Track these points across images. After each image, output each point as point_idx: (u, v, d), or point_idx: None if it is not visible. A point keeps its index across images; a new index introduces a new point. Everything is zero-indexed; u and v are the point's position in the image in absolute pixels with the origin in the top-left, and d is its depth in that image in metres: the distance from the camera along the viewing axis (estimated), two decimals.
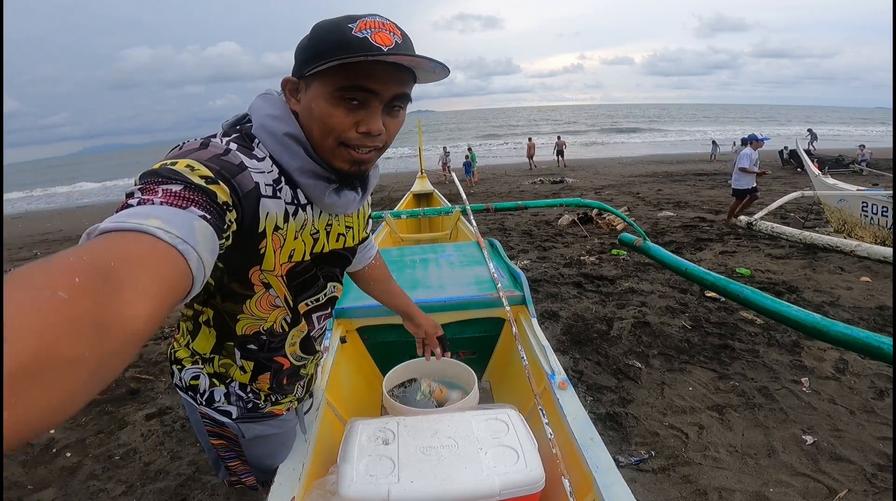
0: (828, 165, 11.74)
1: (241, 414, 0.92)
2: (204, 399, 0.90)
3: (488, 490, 0.93)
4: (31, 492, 2.01)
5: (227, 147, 0.66)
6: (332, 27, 0.66)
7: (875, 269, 4.18)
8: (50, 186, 30.21)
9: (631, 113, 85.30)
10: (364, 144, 0.71)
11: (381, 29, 0.66)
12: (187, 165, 0.57)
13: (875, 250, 2.80)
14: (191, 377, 0.89)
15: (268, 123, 0.72)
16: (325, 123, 0.69)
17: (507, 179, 14.12)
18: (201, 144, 0.65)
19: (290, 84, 0.73)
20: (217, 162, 0.61)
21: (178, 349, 0.91)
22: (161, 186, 0.52)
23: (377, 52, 0.63)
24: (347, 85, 0.66)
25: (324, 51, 0.65)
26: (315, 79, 0.67)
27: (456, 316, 1.75)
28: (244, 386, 0.90)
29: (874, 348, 1.25)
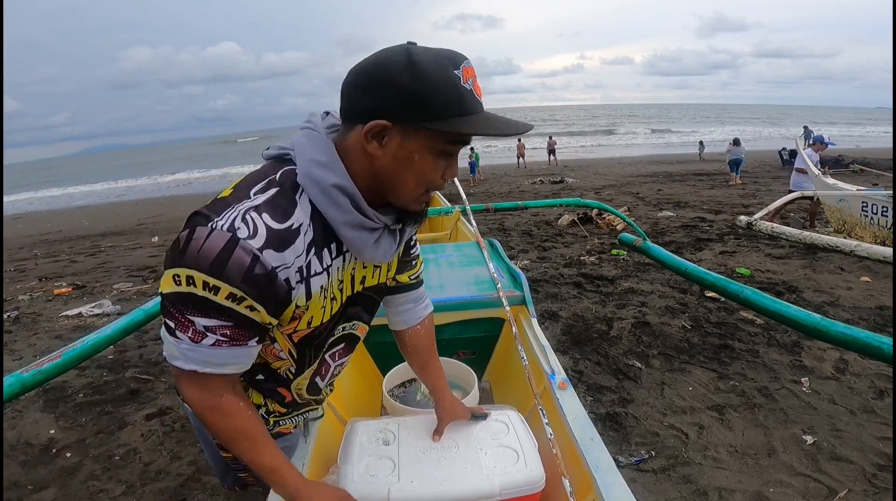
0: (827, 165, 11.74)
1: None
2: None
3: (488, 490, 0.93)
4: (31, 492, 2.01)
5: (255, 252, 0.62)
6: (443, 74, 0.62)
7: (875, 269, 4.18)
8: (50, 186, 30.22)
9: (631, 113, 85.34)
10: (441, 186, 0.71)
11: (475, 77, 0.66)
12: (230, 294, 0.63)
13: (875, 250, 2.80)
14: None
15: (314, 172, 0.67)
16: (424, 176, 0.68)
17: (507, 180, 14.12)
18: (229, 241, 0.61)
19: (378, 128, 0.64)
20: (252, 283, 0.63)
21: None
22: (220, 321, 0.65)
23: (478, 106, 0.65)
24: (457, 141, 0.67)
25: (447, 106, 0.62)
26: (424, 132, 0.64)
27: (456, 316, 1.75)
28: (257, 409, 0.88)
29: (874, 348, 1.25)
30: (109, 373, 3.04)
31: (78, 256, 7.87)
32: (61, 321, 4.19)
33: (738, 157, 11.10)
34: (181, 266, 0.62)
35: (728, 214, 7.26)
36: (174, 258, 0.64)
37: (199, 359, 0.67)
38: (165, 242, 8.45)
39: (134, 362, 3.21)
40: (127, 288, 5.22)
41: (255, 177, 0.70)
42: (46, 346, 3.60)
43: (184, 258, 0.62)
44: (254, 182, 0.68)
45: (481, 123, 0.64)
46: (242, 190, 0.67)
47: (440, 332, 1.76)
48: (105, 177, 33.47)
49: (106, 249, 8.32)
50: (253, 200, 0.65)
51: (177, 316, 0.65)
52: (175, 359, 0.69)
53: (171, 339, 0.67)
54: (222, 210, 0.64)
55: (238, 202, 0.65)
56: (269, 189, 0.67)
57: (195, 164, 38.09)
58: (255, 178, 0.69)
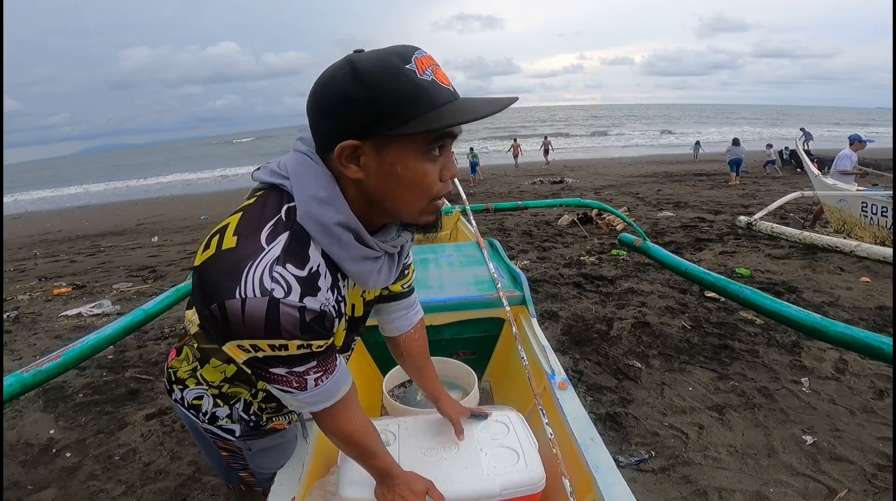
0: (827, 165, 11.75)
1: (245, 432, 0.93)
2: (207, 418, 0.91)
3: (489, 490, 0.93)
4: (30, 492, 2.01)
5: (299, 305, 0.60)
6: (391, 73, 0.56)
7: (875, 269, 4.18)
8: (50, 186, 30.21)
9: (631, 113, 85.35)
10: (447, 190, 0.66)
11: (434, 65, 0.60)
12: (298, 345, 0.64)
13: (875, 251, 2.80)
14: (193, 397, 0.90)
15: (315, 211, 0.63)
16: (419, 185, 0.63)
17: (507, 180, 14.12)
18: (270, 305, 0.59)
19: (348, 151, 0.60)
20: (310, 330, 0.63)
21: (178, 369, 0.90)
22: (306, 365, 0.68)
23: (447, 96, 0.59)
24: (437, 137, 0.61)
25: (405, 107, 0.57)
26: (396, 140, 0.59)
27: (456, 316, 1.75)
28: (248, 406, 0.91)
29: (874, 348, 1.25)
30: (109, 373, 3.04)
31: (77, 256, 7.87)
32: (61, 321, 4.19)
33: (738, 157, 11.10)
34: (238, 338, 0.61)
35: (728, 214, 7.26)
36: (225, 334, 0.62)
37: (319, 399, 0.73)
38: (165, 242, 8.45)
39: (134, 362, 3.21)
40: (127, 288, 5.22)
41: (257, 217, 0.64)
42: (46, 346, 3.60)
43: (234, 332, 0.61)
44: (259, 225, 0.63)
45: (456, 111, 0.58)
46: (250, 239, 0.62)
47: (440, 332, 1.76)
48: (104, 177, 33.47)
49: (105, 249, 8.32)
50: (269, 251, 0.61)
51: (271, 376, 0.68)
52: (304, 409, 0.75)
53: (288, 396, 0.72)
54: (240, 272, 0.59)
55: (253, 258, 0.60)
56: (280, 234, 0.62)
57: (195, 164, 38.09)
58: (259, 219, 0.64)
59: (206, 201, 15.15)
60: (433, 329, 1.74)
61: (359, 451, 0.84)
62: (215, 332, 0.63)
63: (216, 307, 0.60)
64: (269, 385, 0.72)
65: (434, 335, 1.75)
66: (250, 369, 0.68)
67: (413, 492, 0.86)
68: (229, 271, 0.60)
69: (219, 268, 0.61)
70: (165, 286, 4.93)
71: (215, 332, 0.63)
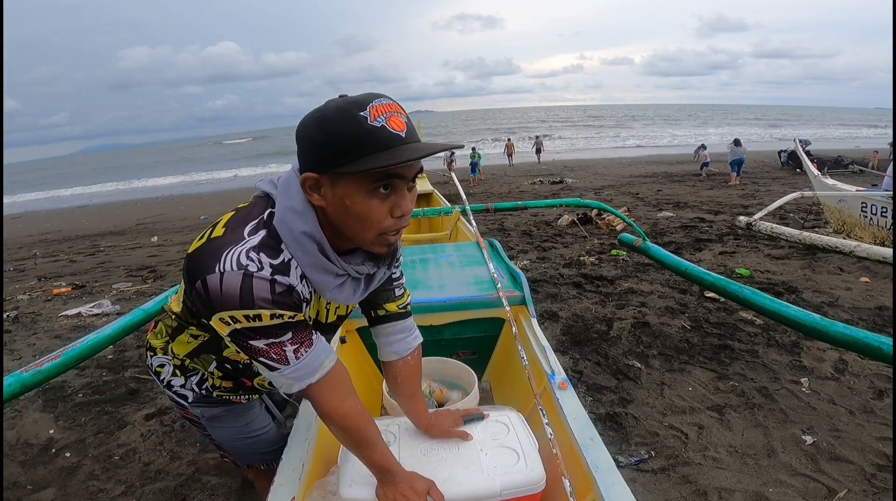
0: (827, 165, 11.76)
1: (196, 399, 1.03)
2: (164, 384, 1.04)
3: (489, 490, 0.93)
4: (30, 492, 2.01)
5: (269, 277, 0.70)
6: (345, 118, 0.65)
7: (874, 269, 4.18)
8: (49, 186, 30.20)
9: (631, 113, 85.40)
10: (399, 226, 0.74)
11: (391, 112, 0.67)
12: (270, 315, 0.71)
13: (874, 251, 2.80)
14: (157, 365, 1.03)
15: (287, 218, 0.73)
16: (367, 219, 0.70)
17: (506, 180, 14.12)
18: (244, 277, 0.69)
19: (309, 181, 0.71)
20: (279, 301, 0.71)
21: (153, 339, 1.04)
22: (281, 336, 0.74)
23: (396, 141, 0.66)
24: (380, 177, 0.68)
25: (350, 148, 0.65)
26: (344, 176, 0.68)
27: (456, 316, 1.75)
28: (202, 382, 1.01)
29: (874, 348, 1.25)
30: (109, 373, 3.04)
31: (77, 255, 7.86)
32: (60, 321, 4.19)
33: (740, 157, 11.11)
34: (219, 312, 0.71)
35: (727, 214, 7.26)
36: (207, 309, 0.72)
37: (303, 373, 0.78)
38: (165, 242, 8.45)
39: (133, 362, 3.20)
40: (126, 288, 5.21)
41: (246, 216, 0.76)
42: (46, 346, 3.59)
43: (214, 306, 0.70)
44: (244, 221, 0.75)
45: (395, 154, 0.65)
46: (235, 230, 0.74)
47: (440, 332, 1.77)
48: (104, 177, 33.47)
49: (105, 248, 8.32)
50: (248, 241, 0.72)
51: (253, 349, 0.75)
52: (293, 386, 0.79)
53: (274, 374, 0.78)
54: (221, 253, 0.70)
55: (234, 244, 0.71)
56: (260, 231, 0.73)
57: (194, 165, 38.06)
58: (246, 217, 0.76)
59: (205, 201, 15.15)
60: (433, 329, 1.74)
61: (356, 439, 0.86)
62: (200, 307, 0.73)
63: (200, 284, 0.70)
64: (256, 365, 0.78)
65: (434, 335, 1.75)
66: (235, 344, 0.75)
67: (415, 492, 0.87)
68: (213, 253, 0.71)
69: (205, 251, 0.72)
70: (165, 286, 4.93)
71: (200, 307, 0.73)
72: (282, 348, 0.75)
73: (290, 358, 0.76)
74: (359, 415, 0.85)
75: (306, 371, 0.78)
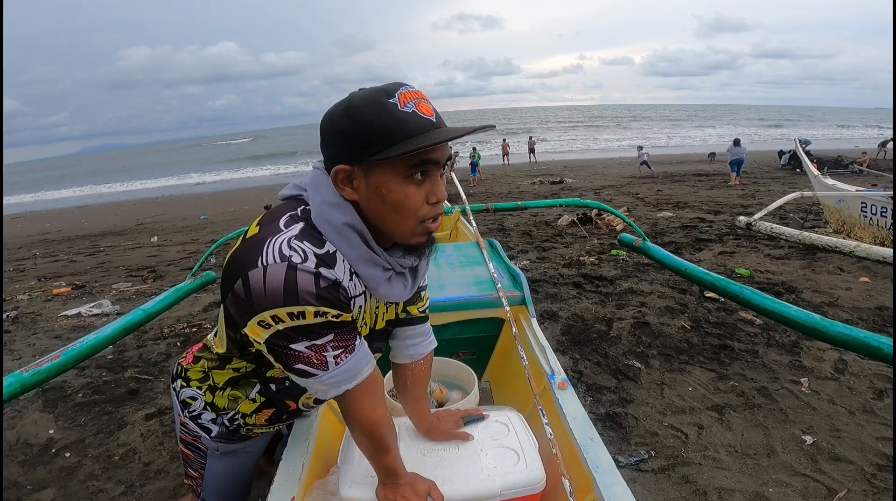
0: (827, 165, 11.76)
1: (220, 434, 0.98)
2: (190, 415, 0.97)
3: (489, 490, 0.94)
4: (30, 492, 2.01)
5: (314, 271, 0.67)
6: (374, 107, 0.65)
7: (874, 269, 4.18)
8: (49, 186, 30.19)
9: (631, 113, 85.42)
10: (435, 213, 0.73)
11: (419, 99, 0.67)
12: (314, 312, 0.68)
13: (874, 251, 2.80)
14: (188, 396, 0.97)
15: (325, 212, 0.71)
16: (404, 207, 0.69)
17: (506, 180, 14.12)
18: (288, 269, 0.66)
19: (342, 174, 0.70)
20: (324, 298, 0.68)
21: (189, 369, 0.97)
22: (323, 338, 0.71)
23: (427, 126, 0.66)
24: (416, 163, 0.67)
25: (384, 135, 0.65)
26: (379, 164, 0.67)
27: (456, 316, 1.75)
28: (234, 418, 0.95)
29: (874, 348, 1.25)
30: (109, 373, 3.04)
31: (77, 256, 7.86)
32: (60, 321, 4.19)
33: (740, 157, 11.11)
34: (260, 312, 0.67)
35: (727, 214, 7.26)
36: (247, 310, 0.68)
37: (341, 378, 0.75)
38: (164, 242, 8.44)
39: (133, 362, 3.20)
40: (126, 288, 5.21)
41: (277, 213, 0.74)
42: (45, 346, 3.59)
43: (255, 305, 0.67)
44: (277, 217, 0.72)
45: (429, 136, 0.66)
46: (270, 225, 0.71)
47: (440, 332, 1.76)
48: (104, 177, 33.46)
49: (105, 249, 8.31)
50: (287, 231, 0.69)
51: (292, 354, 0.71)
52: (328, 393, 0.77)
53: (310, 380, 0.75)
54: (261, 247, 0.67)
55: (273, 236, 0.69)
56: (296, 223, 0.71)
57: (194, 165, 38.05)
58: (278, 214, 0.73)
59: (205, 202, 15.15)
60: (433, 329, 1.74)
61: (376, 444, 0.84)
62: (239, 312, 0.70)
63: (240, 283, 0.67)
64: (292, 374, 0.74)
65: (434, 335, 1.75)
66: (273, 352, 0.72)
67: (416, 493, 0.87)
68: (252, 249, 0.68)
69: (243, 250, 0.70)
70: (165, 286, 4.93)
71: (239, 312, 0.70)
72: (322, 352, 0.72)
73: (330, 364, 0.73)
74: (386, 424, 0.83)
75: (344, 377, 0.75)
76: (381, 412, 0.82)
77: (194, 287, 2.42)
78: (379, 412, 0.82)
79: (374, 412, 0.81)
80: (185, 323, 3.87)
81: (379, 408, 0.82)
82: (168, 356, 3.27)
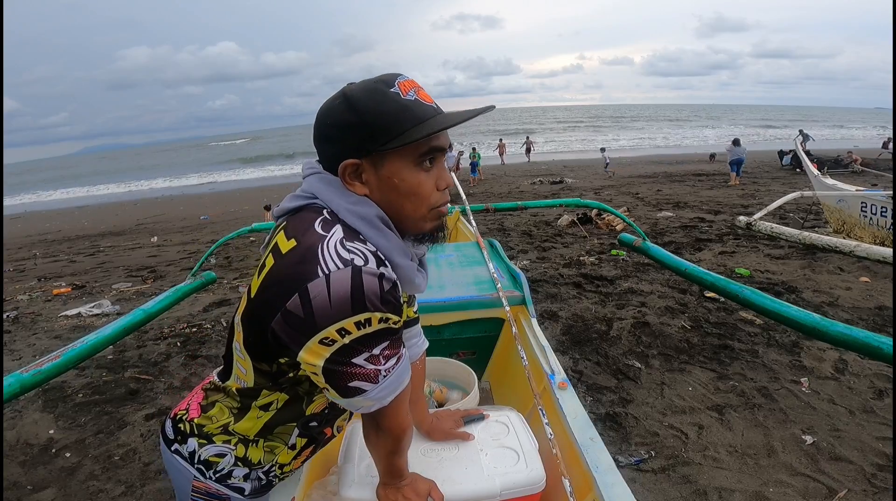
0: (826, 165, 11.77)
1: (254, 490, 0.85)
2: (216, 476, 0.81)
3: (489, 490, 0.93)
4: (30, 493, 2.01)
5: (378, 272, 0.62)
6: (378, 96, 0.64)
7: (874, 269, 4.19)
8: (49, 186, 30.19)
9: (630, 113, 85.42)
10: (445, 199, 0.72)
11: (417, 87, 0.67)
12: (380, 319, 0.63)
13: (874, 251, 2.80)
14: (213, 454, 0.81)
15: (357, 209, 0.68)
16: (418, 193, 0.68)
17: (506, 180, 14.12)
18: (353, 274, 0.61)
19: (349, 169, 0.67)
20: (388, 302, 0.63)
21: (206, 425, 0.81)
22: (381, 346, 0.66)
23: (430, 112, 0.65)
24: (426, 150, 0.66)
25: (391, 124, 0.64)
26: (390, 154, 0.66)
27: (456, 316, 1.75)
28: (270, 471, 0.85)
29: (874, 348, 1.25)
30: (109, 373, 3.04)
31: (77, 256, 7.86)
32: (60, 321, 4.19)
33: (740, 157, 11.11)
34: (325, 328, 0.61)
35: (727, 214, 7.26)
36: (307, 329, 0.61)
37: (387, 393, 0.70)
38: (164, 242, 8.44)
39: (133, 362, 3.20)
40: (126, 288, 5.22)
41: (302, 221, 0.68)
42: (46, 346, 3.59)
43: (319, 321, 0.60)
44: (308, 224, 0.66)
45: (437, 123, 0.65)
46: (307, 233, 0.65)
47: (440, 332, 1.76)
48: (104, 177, 33.48)
49: (105, 249, 8.32)
50: (332, 234, 0.64)
51: (350, 372, 0.65)
52: (372, 407, 0.71)
53: (358, 398, 0.68)
54: (314, 255, 0.61)
55: (321, 241, 0.63)
56: (333, 225, 0.66)
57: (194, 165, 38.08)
58: (305, 221, 0.67)
59: (205, 202, 15.15)
60: (433, 329, 1.74)
61: (398, 448, 0.81)
62: (294, 334, 0.63)
63: (297, 299, 0.60)
64: (343, 396, 0.68)
65: (434, 335, 1.75)
66: (327, 375, 0.65)
67: (417, 493, 0.86)
68: (302, 260, 0.62)
69: (288, 264, 0.63)
70: (165, 286, 4.93)
71: (294, 334, 0.63)
72: (377, 363, 0.66)
73: (381, 375, 0.67)
74: (412, 428, 0.82)
75: (392, 389, 0.70)
76: (409, 418, 0.80)
77: (194, 287, 2.42)
78: (409, 418, 0.79)
79: (406, 419, 0.78)
80: (185, 323, 3.88)
81: (408, 414, 0.79)
82: (168, 356, 3.27)
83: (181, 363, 3.15)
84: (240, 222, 9.67)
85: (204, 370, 3.02)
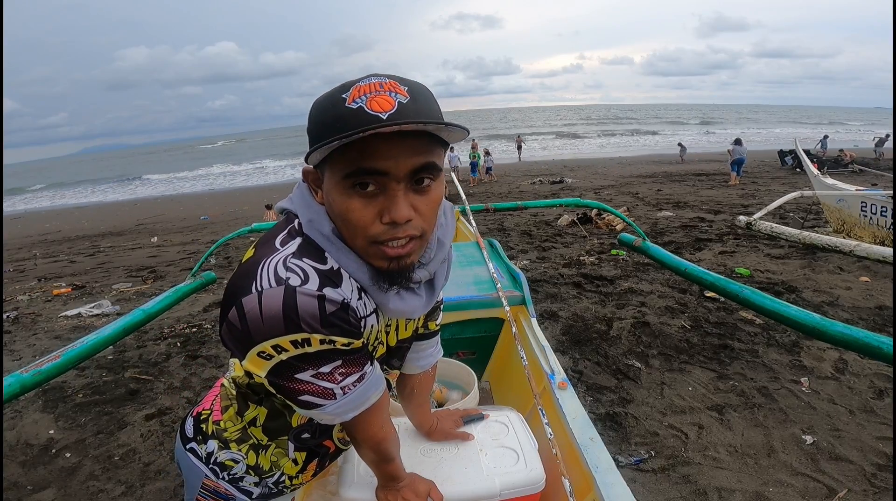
0: (826, 165, 11.76)
1: (261, 496, 0.87)
2: (228, 478, 0.83)
3: (489, 490, 0.93)
4: (30, 493, 2.01)
5: (317, 294, 0.59)
6: (325, 102, 0.57)
7: (874, 269, 4.19)
8: (49, 186, 30.19)
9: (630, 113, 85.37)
10: (395, 236, 0.59)
11: (378, 91, 0.55)
12: (321, 340, 0.60)
13: (874, 250, 2.80)
14: (227, 458, 0.82)
15: (315, 221, 0.64)
16: (346, 220, 0.59)
17: (506, 180, 14.12)
18: (286, 294, 0.58)
19: (311, 175, 0.64)
20: (331, 323, 0.60)
21: (227, 429, 0.82)
22: (330, 365, 0.64)
23: (372, 123, 0.53)
24: (352, 170, 0.56)
25: (320, 133, 0.56)
26: (325, 169, 0.59)
27: (455, 316, 1.75)
28: (279, 481, 0.86)
29: (874, 348, 1.25)
30: (109, 373, 3.04)
31: (77, 256, 7.87)
32: (60, 322, 4.19)
33: (741, 157, 11.11)
34: (259, 343, 0.59)
35: (727, 214, 7.26)
36: (244, 341, 0.60)
37: (347, 408, 0.69)
38: (164, 242, 8.45)
39: (133, 362, 3.21)
40: (126, 288, 5.22)
41: (272, 232, 0.67)
42: (46, 346, 3.60)
43: (253, 336, 0.59)
44: (273, 236, 0.65)
45: (361, 131, 0.52)
46: (265, 245, 0.64)
47: (440, 332, 1.76)
48: (104, 177, 33.47)
49: (105, 249, 8.32)
50: (283, 250, 0.62)
51: (296, 387, 0.64)
52: (334, 420, 0.70)
53: (315, 411, 0.67)
54: (256, 270, 0.60)
55: (267, 257, 0.61)
56: (293, 239, 0.64)
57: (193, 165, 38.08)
58: (273, 233, 0.67)
59: (204, 202, 15.16)
60: None
61: (380, 458, 0.82)
62: (236, 344, 0.62)
63: (234, 312, 0.59)
64: (297, 406, 0.68)
65: None
66: (276, 385, 0.64)
67: (416, 494, 0.86)
68: (246, 274, 0.61)
69: (237, 276, 0.62)
70: (165, 287, 4.93)
71: (236, 344, 0.62)
72: (329, 381, 0.64)
73: (337, 393, 0.66)
74: (391, 439, 0.80)
75: (352, 406, 0.69)
76: (387, 430, 0.78)
77: (194, 288, 2.42)
78: (385, 430, 0.78)
79: (380, 432, 0.76)
80: (185, 323, 3.88)
81: (385, 426, 0.77)
82: (168, 356, 3.27)
83: (181, 363, 3.15)
84: (240, 221, 9.67)
85: (204, 371, 3.03)
